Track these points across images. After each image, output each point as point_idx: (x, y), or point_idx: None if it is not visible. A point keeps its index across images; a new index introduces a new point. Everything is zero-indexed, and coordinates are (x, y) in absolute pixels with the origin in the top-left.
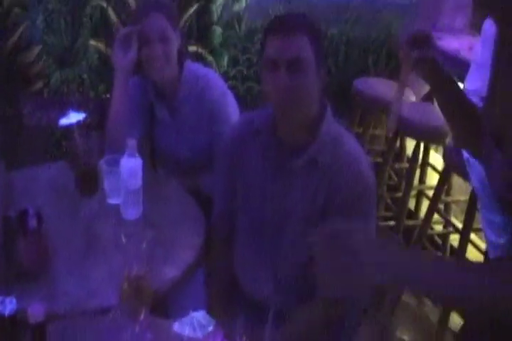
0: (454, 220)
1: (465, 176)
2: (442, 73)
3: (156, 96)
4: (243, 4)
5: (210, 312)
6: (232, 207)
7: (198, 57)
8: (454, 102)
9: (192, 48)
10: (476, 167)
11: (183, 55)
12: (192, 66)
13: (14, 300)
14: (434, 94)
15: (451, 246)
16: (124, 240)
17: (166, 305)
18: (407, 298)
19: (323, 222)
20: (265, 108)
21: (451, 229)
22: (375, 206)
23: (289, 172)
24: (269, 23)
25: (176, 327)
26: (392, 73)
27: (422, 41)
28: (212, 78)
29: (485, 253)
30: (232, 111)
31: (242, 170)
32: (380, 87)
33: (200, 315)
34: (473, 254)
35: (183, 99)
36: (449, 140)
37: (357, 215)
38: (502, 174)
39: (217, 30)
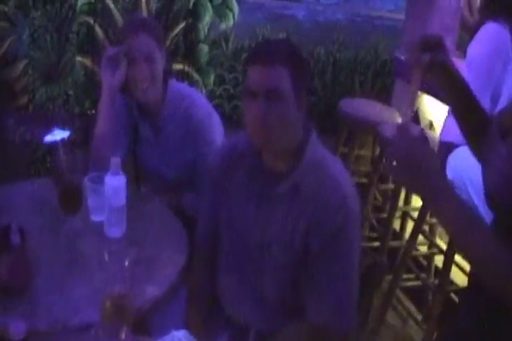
0: (438, 241)
1: None
2: (455, 77)
3: (141, 115)
4: (230, 23)
5: (189, 330)
6: (216, 228)
7: (184, 76)
8: (466, 105)
9: (178, 66)
10: (461, 188)
11: (168, 73)
12: (177, 85)
13: None
14: (446, 97)
15: (436, 267)
16: (106, 258)
17: (148, 324)
18: (391, 319)
19: (307, 247)
20: None
21: (435, 250)
22: (359, 231)
23: (272, 198)
24: (250, 52)
25: None
26: (379, 94)
27: (433, 45)
28: (197, 98)
29: (469, 275)
30: (217, 131)
31: (227, 193)
32: (366, 108)
33: (181, 334)
34: (457, 275)
35: (167, 118)
36: None
37: (341, 241)
38: (500, 168)
39: (204, 48)
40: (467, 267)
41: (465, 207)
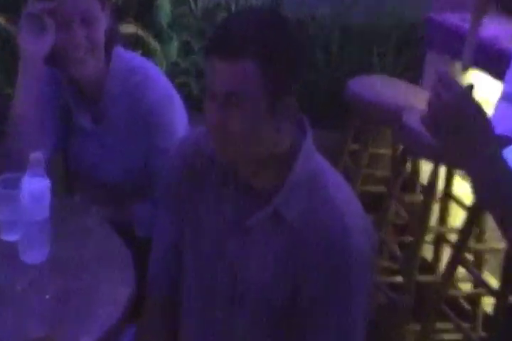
0: (487, 276)
1: None
2: None
3: (75, 96)
4: None
5: None
6: (177, 256)
7: (137, 43)
8: None
9: (129, 30)
10: None
11: (113, 39)
12: (125, 55)
13: None
14: None
15: (485, 313)
16: (21, 291)
17: None
18: None
19: (293, 300)
20: None
21: (483, 289)
22: (369, 273)
23: (249, 227)
24: (211, 38)
25: None
26: (404, 70)
27: None
28: (152, 73)
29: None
30: (179, 118)
31: (191, 208)
32: (386, 89)
33: None
34: None
35: (110, 99)
36: None
37: (342, 290)
38: None
39: (165, 6)
40: None
41: None
